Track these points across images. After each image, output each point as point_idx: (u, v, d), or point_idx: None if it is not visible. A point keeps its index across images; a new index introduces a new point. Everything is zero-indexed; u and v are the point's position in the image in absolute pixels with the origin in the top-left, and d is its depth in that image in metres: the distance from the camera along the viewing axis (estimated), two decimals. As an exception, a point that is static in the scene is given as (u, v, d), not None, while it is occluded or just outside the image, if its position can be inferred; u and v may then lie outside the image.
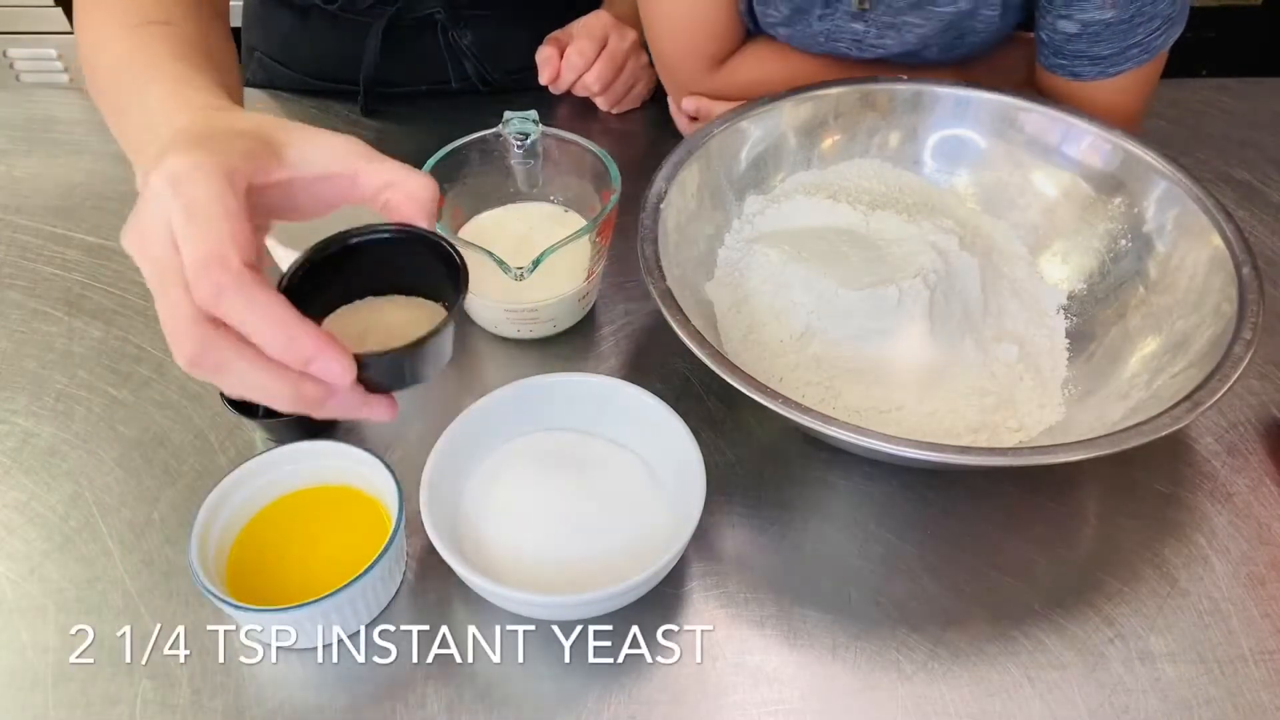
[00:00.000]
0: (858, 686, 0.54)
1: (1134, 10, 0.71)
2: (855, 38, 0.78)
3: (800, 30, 0.79)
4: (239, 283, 0.37)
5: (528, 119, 0.69)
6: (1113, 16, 0.71)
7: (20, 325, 0.72)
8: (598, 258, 0.69)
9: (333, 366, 0.39)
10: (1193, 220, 0.65)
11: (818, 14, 0.77)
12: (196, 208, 0.38)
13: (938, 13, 0.74)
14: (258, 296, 0.38)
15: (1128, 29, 0.72)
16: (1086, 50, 0.74)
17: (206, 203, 0.38)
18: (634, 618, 0.55)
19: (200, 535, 0.53)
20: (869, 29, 0.76)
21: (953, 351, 0.64)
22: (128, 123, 0.53)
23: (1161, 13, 0.71)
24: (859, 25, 0.77)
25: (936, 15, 0.74)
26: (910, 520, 0.62)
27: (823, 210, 0.72)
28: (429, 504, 0.53)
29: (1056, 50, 0.76)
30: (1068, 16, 0.73)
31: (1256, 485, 0.64)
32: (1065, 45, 0.75)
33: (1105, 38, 0.73)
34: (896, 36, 0.77)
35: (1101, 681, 0.54)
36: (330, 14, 0.90)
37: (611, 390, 0.60)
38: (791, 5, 0.77)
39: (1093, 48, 0.73)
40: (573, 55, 0.87)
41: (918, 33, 0.76)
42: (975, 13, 0.75)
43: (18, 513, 0.61)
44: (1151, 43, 0.73)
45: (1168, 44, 0.74)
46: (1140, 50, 0.73)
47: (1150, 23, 0.72)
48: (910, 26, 0.76)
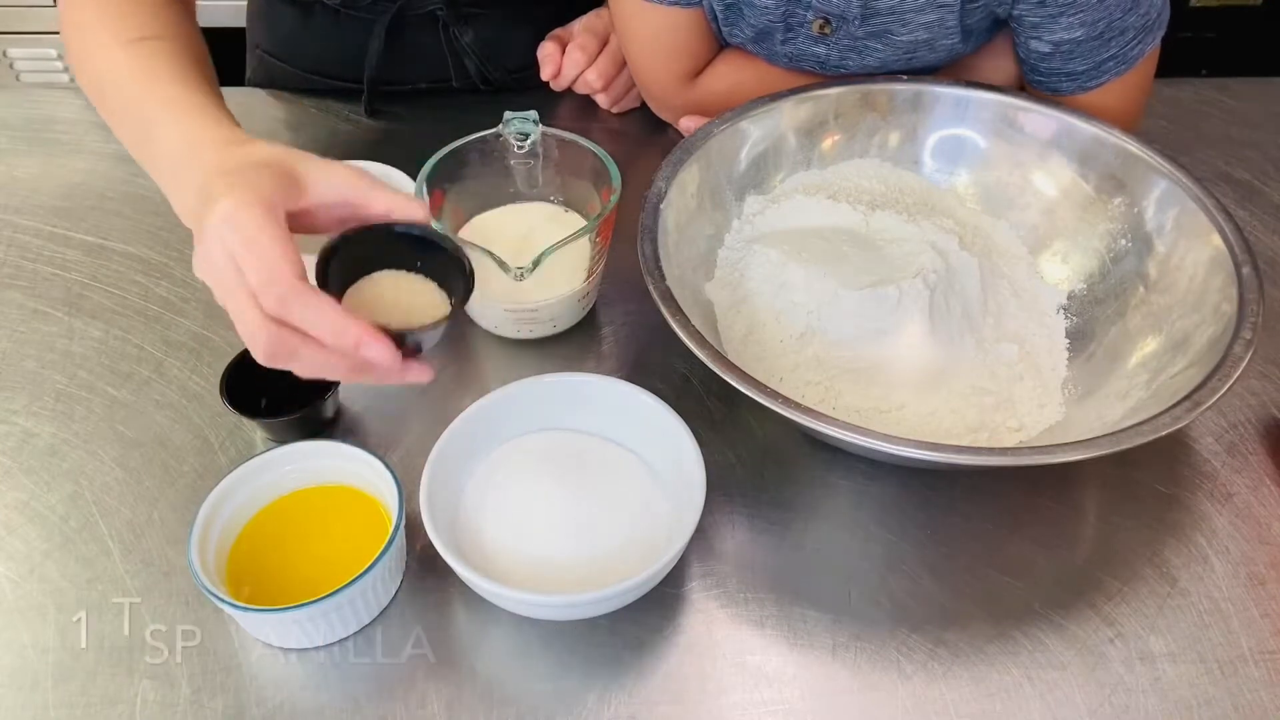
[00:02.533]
0: (858, 686, 0.54)
1: (1103, 27, 0.71)
2: (818, 60, 0.78)
3: (766, 50, 0.80)
4: (296, 292, 0.46)
5: (528, 119, 0.69)
6: (1082, 35, 0.71)
7: (20, 325, 0.72)
8: (598, 258, 0.69)
9: (377, 350, 0.47)
10: (1193, 220, 0.65)
11: (780, 38, 0.78)
12: (252, 240, 0.47)
13: (896, 41, 0.75)
14: (312, 301, 0.47)
15: (1099, 45, 0.72)
16: (1062, 68, 0.74)
17: (258, 234, 0.47)
18: (634, 618, 0.56)
19: (200, 535, 0.53)
20: (830, 52, 0.77)
21: (953, 351, 0.64)
22: (151, 151, 0.59)
23: (1133, 25, 0.71)
24: (820, 49, 0.77)
25: (895, 43, 0.75)
26: (910, 520, 0.62)
27: (823, 210, 0.72)
28: (429, 504, 0.53)
29: (1033, 69, 0.76)
30: (1038, 38, 0.73)
31: (1256, 485, 0.64)
32: (1041, 64, 0.75)
33: (1078, 55, 0.73)
34: (858, 59, 0.77)
35: (1101, 681, 0.54)
36: (332, 11, 0.90)
37: (611, 390, 0.60)
38: (755, 29, 0.78)
39: (1068, 64, 0.74)
40: (574, 52, 0.87)
41: (879, 56, 0.77)
42: (934, 42, 0.75)
43: (18, 513, 0.61)
44: (1127, 54, 0.73)
45: (1145, 51, 0.74)
46: (1116, 62, 0.73)
47: (1122, 36, 0.72)
48: (871, 50, 0.76)
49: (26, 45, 1.82)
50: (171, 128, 0.57)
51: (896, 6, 0.73)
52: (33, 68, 1.86)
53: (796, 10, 0.75)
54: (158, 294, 0.74)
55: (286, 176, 0.50)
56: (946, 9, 0.73)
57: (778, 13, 0.75)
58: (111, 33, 0.62)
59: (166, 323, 0.72)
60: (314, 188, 0.51)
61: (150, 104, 0.59)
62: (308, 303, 0.47)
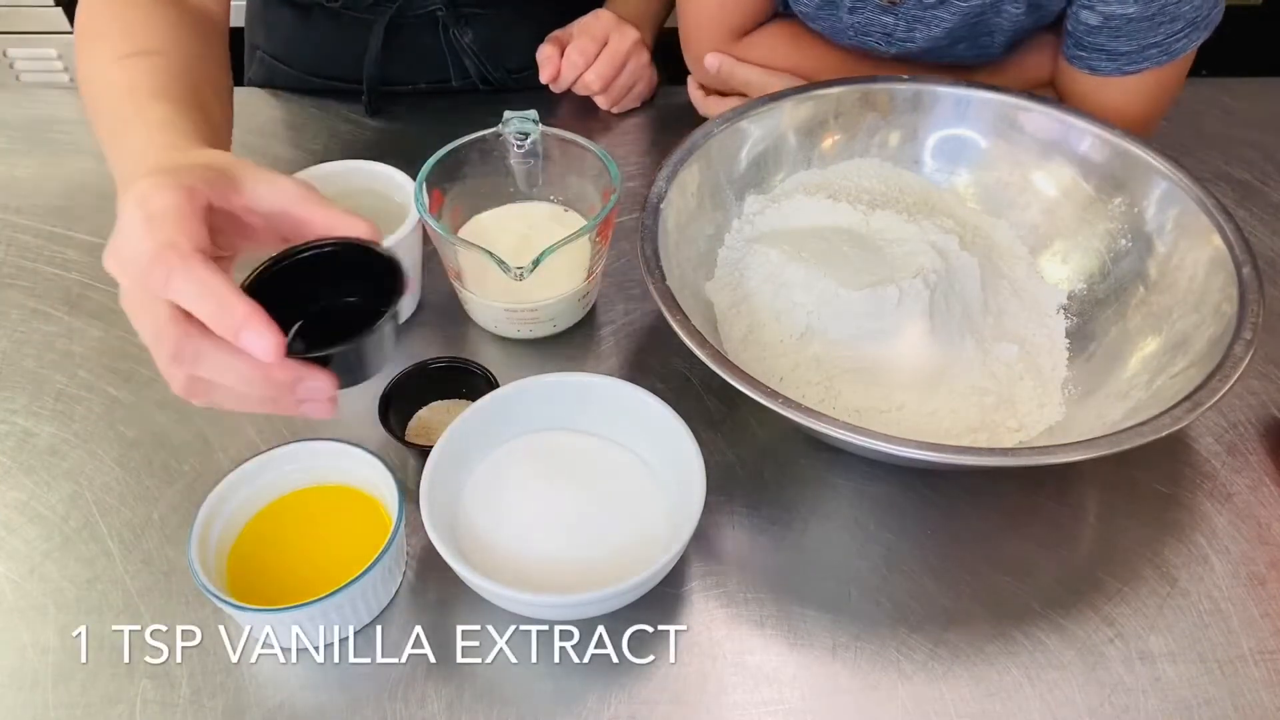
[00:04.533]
0: (858, 686, 0.54)
1: (1156, 9, 0.71)
2: (885, 31, 0.78)
3: (830, 23, 0.80)
4: (186, 264, 0.41)
5: (528, 119, 0.69)
6: (1135, 11, 0.71)
7: (20, 325, 0.72)
8: (598, 258, 0.69)
9: (258, 339, 0.41)
10: (1193, 220, 0.65)
11: (848, 6, 0.78)
12: (156, 213, 0.42)
13: (962, 6, 0.75)
14: (199, 273, 0.41)
15: (1149, 26, 0.72)
16: (1106, 44, 0.74)
17: (163, 209, 0.42)
18: (634, 618, 0.55)
19: (200, 535, 0.53)
20: (899, 22, 0.77)
21: (953, 351, 0.64)
22: (114, 159, 0.57)
23: (1185, 15, 0.71)
24: (888, 19, 0.77)
25: (961, 9, 0.75)
26: (910, 520, 0.62)
27: (823, 210, 0.72)
28: (429, 504, 0.53)
29: (1078, 42, 0.76)
30: (1090, 7, 0.73)
31: (1256, 485, 0.64)
32: (1086, 37, 0.75)
33: (1125, 33, 0.73)
34: (924, 30, 0.77)
35: (1101, 681, 0.54)
36: (332, 11, 0.90)
37: (611, 390, 0.60)
38: None
39: (1112, 42, 0.74)
40: (573, 54, 0.87)
41: (944, 26, 0.76)
42: (999, 7, 0.75)
43: (18, 513, 0.61)
44: (1171, 45, 0.73)
45: (1188, 49, 0.74)
46: (1159, 51, 0.73)
47: (1172, 24, 0.72)
48: (938, 20, 0.76)
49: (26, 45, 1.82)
50: (132, 139, 0.55)
51: None
52: (33, 68, 1.86)
53: None
54: (158, 294, 0.74)
55: (216, 172, 0.46)
56: None
57: None
58: (110, 45, 0.62)
59: (166, 323, 0.72)
60: (250, 190, 0.47)
61: (120, 118, 0.58)
62: (195, 275, 0.41)
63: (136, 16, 0.64)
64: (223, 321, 0.41)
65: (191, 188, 0.44)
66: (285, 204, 0.47)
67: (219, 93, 0.66)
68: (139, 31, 0.63)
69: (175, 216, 0.42)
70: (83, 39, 0.65)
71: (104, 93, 0.60)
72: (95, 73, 0.62)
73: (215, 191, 0.45)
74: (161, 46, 0.62)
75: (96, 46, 0.63)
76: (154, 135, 0.54)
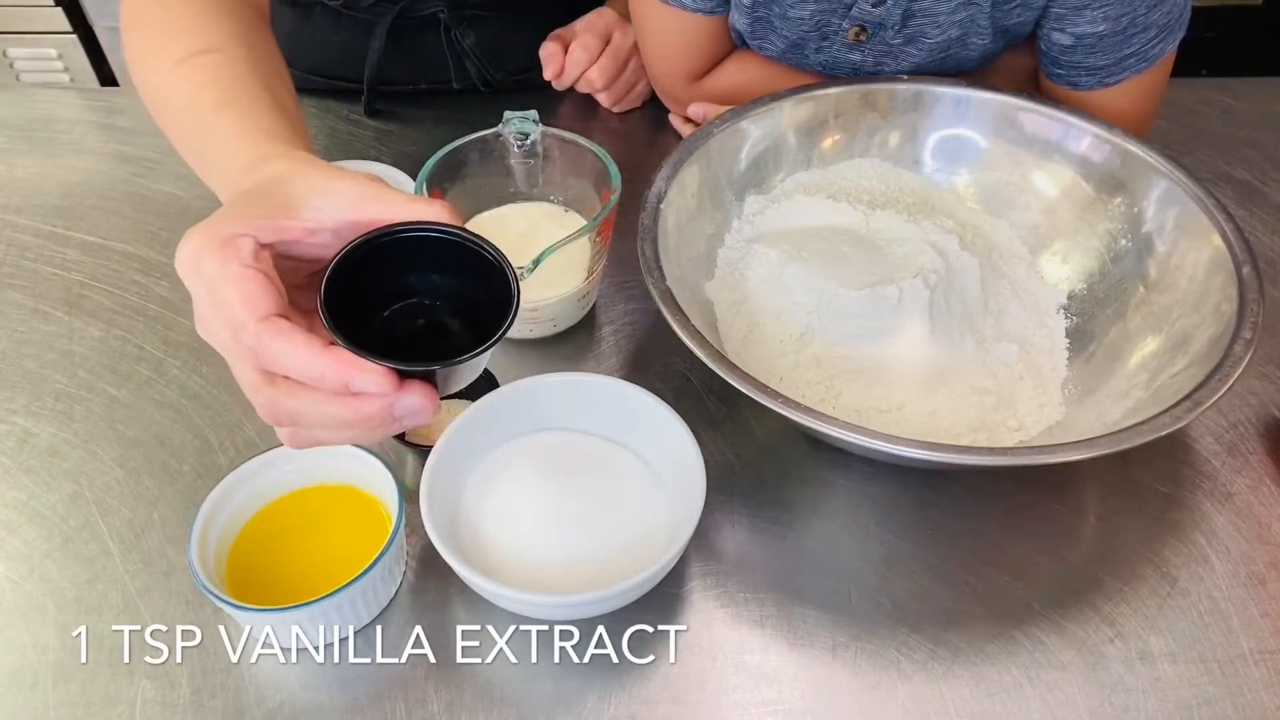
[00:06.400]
0: (858, 686, 0.54)
1: (1126, 23, 0.71)
2: (853, 66, 0.79)
3: (796, 60, 0.80)
4: (260, 340, 0.40)
5: (528, 119, 0.69)
6: (1105, 29, 0.71)
7: (20, 325, 0.72)
8: (598, 258, 0.69)
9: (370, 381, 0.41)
10: (1193, 220, 0.65)
11: (814, 47, 0.78)
12: (214, 287, 0.41)
13: (929, 43, 0.75)
14: (281, 344, 0.40)
15: (1121, 40, 0.72)
16: (1083, 61, 0.74)
17: (214, 279, 0.41)
18: (634, 618, 0.55)
19: (200, 535, 0.53)
20: (865, 58, 0.77)
21: (953, 351, 0.64)
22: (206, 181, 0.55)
23: (1156, 22, 0.71)
24: (855, 56, 0.77)
25: (929, 46, 0.75)
26: (910, 520, 0.62)
27: (823, 210, 0.72)
28: (429, 504, 0.53)
29: (1054, 61, 0.76)
30: (1060, 29, 0.73)
31: (1256, 485, 0.64)
32: (1061, 56, 0.75)
33: (1100, 49, 0.73)
34: (893, 64, 0.78)
35: (1101, 681, 0.54)
36: (333, 12, 0.90)
37: (611, 390, 0.60)
38: (787, 41, 0.78)
39: (1088, 59, 0.74)
40: (576, 51, 0.87)
41: (912, 61, 0.77)
42: (966, 40, 0.75)
43: (18, 513, 0.61)
44: (1148, 52, 0.73)
45: (1166, 51, 0.74)
46: (1137, 59, 0.73)
47: (1145, 32, 0.72)
48: (906, 56, 0.77)
49: (26, 45, 1.83)
50: (210, 166, 0.53)
51: (930, 8, 0.73)
52: (33, 68, 1.86)
53: (832, 20, 0.75)
54: (158, 294, 0.74)
55: (272, 204, 0.44)
56: (977, 7, 0.73)
57: (812, 23, 0.75)
58: (160, 55, 0.58)
59: (167, 323, 0.72)
60: (307, 211, 0.44)
61: (198, 136, 0.55)
62: (277, 347, 0.40)
63: (185, 12, 0.60)
64: (328, 380, 0.41)
65: (230, 238, 0.42)
66: (345, 213, 0.45)
67: (285, 79, 0.62)
68: (193, 28, 0.59)
69: (233, 283, 0.41)
70: (132, 42, 0.61)
71: (171, 102, 0.58)
72: (158, 82, 0.58)
73: (269, 230, 0.43)
74: (219, 41, 0.58)
75: (149, 57, 0.60)
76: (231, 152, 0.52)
